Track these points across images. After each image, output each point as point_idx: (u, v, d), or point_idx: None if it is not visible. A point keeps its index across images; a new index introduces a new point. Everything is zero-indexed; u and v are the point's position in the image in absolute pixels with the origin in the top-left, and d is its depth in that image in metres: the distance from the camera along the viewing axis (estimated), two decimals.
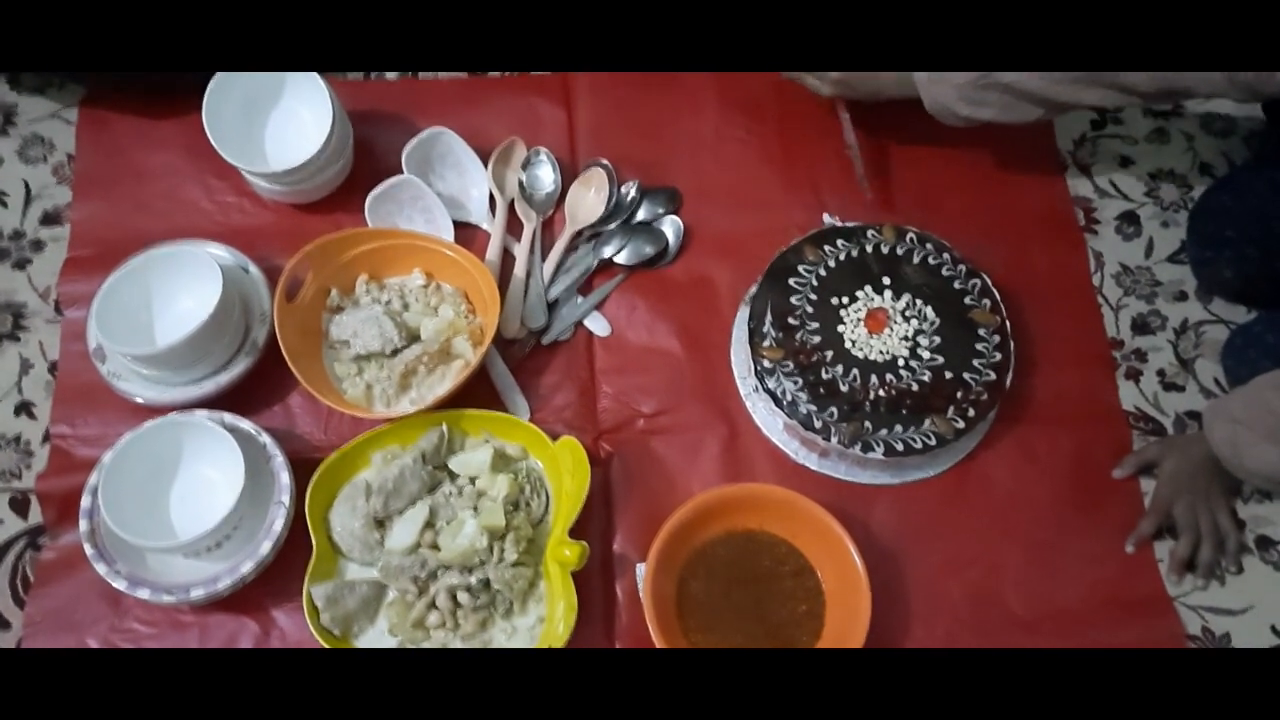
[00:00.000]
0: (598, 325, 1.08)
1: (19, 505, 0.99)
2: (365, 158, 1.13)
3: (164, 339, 0.96)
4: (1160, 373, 1.08)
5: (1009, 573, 0.99)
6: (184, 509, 0.94)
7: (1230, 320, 1.10)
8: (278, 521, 0.92)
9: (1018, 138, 1.18)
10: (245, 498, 0.89)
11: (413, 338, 1.02)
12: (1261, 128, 1.19)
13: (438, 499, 0.94)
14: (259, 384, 1.01)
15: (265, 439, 0.95)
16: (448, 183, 1.12)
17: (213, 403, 0.98)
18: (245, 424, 0.96)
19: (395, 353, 1.00)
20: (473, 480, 0.96)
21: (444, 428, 0.97)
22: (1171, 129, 1.20)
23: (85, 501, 0.92)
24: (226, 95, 1.04)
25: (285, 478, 0.94)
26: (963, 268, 1.05)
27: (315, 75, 1.05)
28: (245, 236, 1.08)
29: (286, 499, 0.93)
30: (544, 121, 1.18)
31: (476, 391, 1.01)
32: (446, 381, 0.99)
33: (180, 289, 1.00)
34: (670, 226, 1.12)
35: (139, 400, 0.98)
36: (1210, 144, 1.19)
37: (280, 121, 1.10)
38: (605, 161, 1.13)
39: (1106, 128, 1.20)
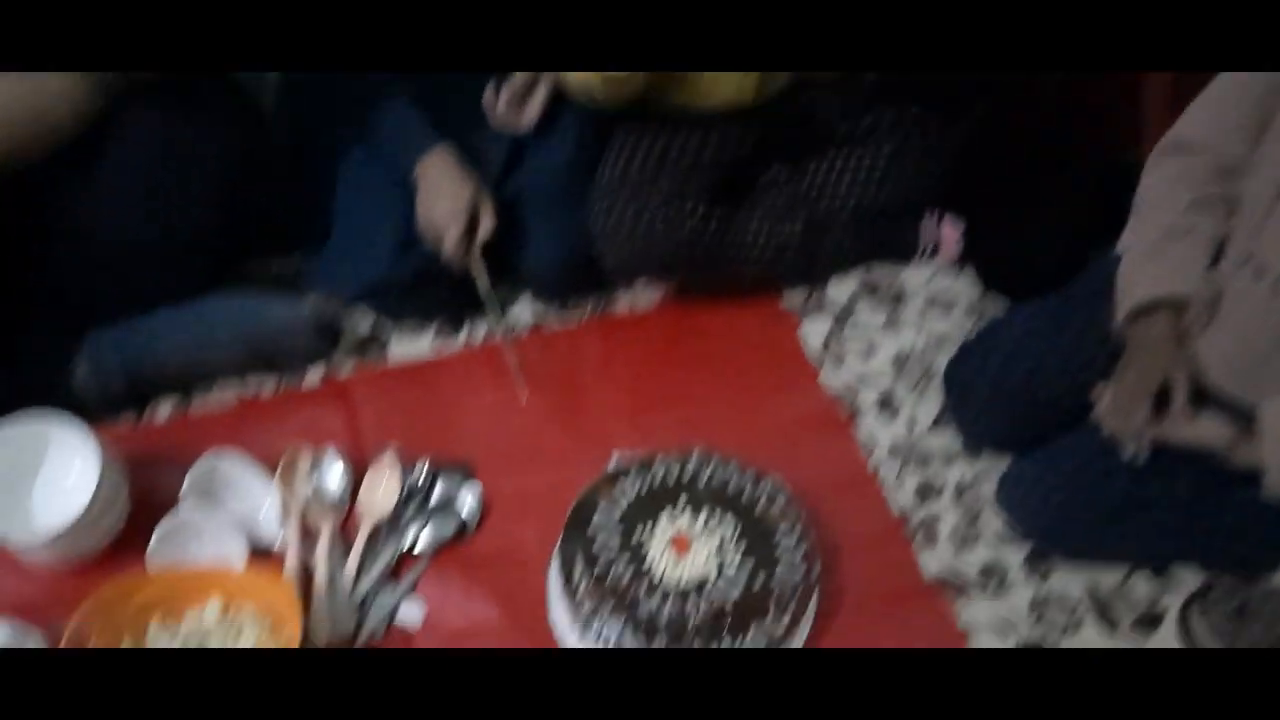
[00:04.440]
0: (411, 613, 1.06)
1: None
2: (145, 500, 1.10)
3: None
4: (953, 533, 1.14)
5: None
6: None
7: (999, 468, 1.18)
8: None
9: (768, 355, 1.29)
10: None
11: None
12: (978, 299, 1.34)
13: None
14: None
15: None
16: (235, 504, 1.11)
17: None
18: None
19: None
20: None
21: None
22: (902, 315, 1.33)
23: None
24: None
25: None
26: (750, 474, 1.10)
27: (81, 426, 1.04)
28: (24, 608, 1.03)
29: None
30: (326, 427, 1.20)
31: None
32: None
33: None
34: (469, 497, 1.13)
35: None
36: (938, 321, 1.33)
37: (46, 482, 1.07)
38: (393, 448, 1.14)
39: (846, 327, 1.32)
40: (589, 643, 1.00)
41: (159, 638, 0.99)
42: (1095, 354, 1.09)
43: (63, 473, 1.06)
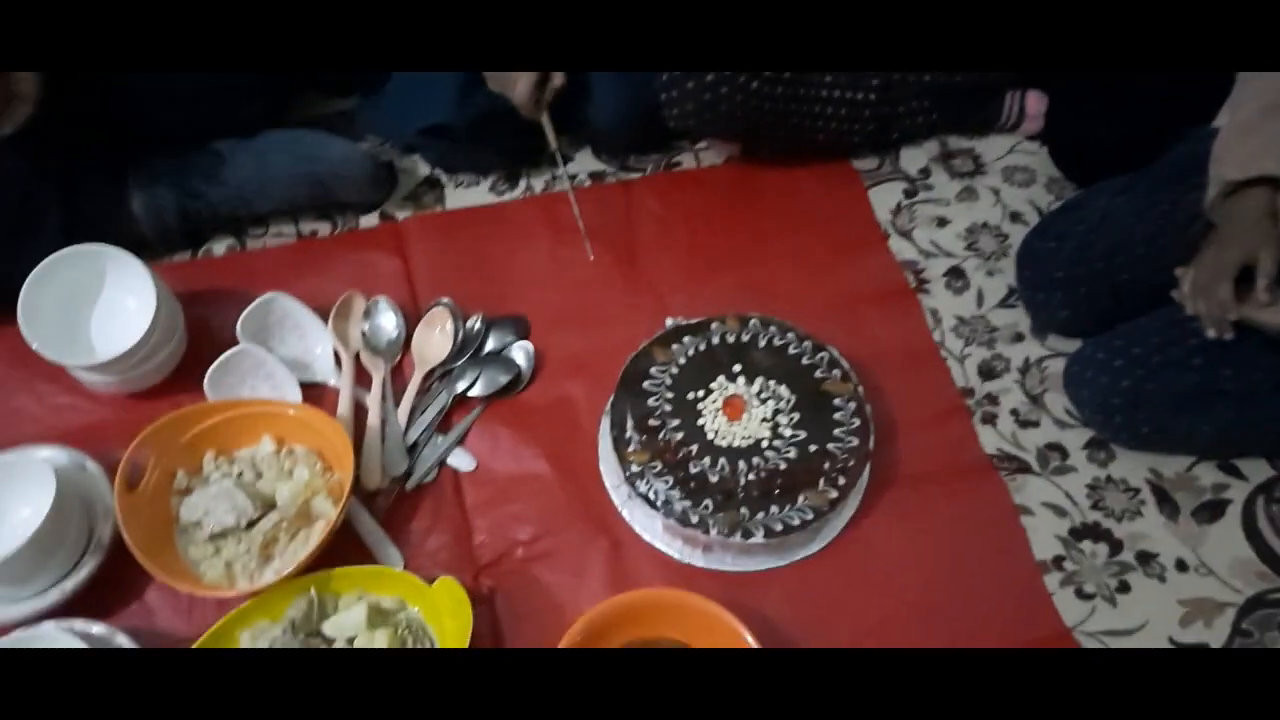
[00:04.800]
0: (462, 461, 1.06)
1: None
2: (200, 336, 1.11)
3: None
4: (1014, 412, 1.11)
5: (909, 636, 0.98)
6: None
7: (1066, 351, 1.15)
8: None
9: (837, 217, 1.24)
10: None
11: (268, 506, 0.98)
12: (1060, 175, 1.27)
13: None
14: (111, 583, 0.96)
15: (122, 639, 0.90)
16: (289, 346, 1.11)
17: (63, 610, 0.92)
18: (98, 628, 0.90)
19: (252, 524, 0.96)
20: (350, 641, 0.91)
21: (312, 592, 0.92)
22: (978, 186, 1.27)
23: None
24: (44, 297, 1.02)
25: None
26: (809, 344, 1.07)
27: (135, 260, 1.03)
28: (82, 435, 1.04)
29: None
30: (380, 272, 1.19)
31: (345, 549, 0.98)
32: (310, 544, 0.95)
33: (13, 499, 0.95)
34: (521, 352, 1.12)
35: None
36: (1016, 194, 1.27)
37: (105, 314, 1.07)
38: (447, 300, 1.13)
39: (919, 195, 1.27)
40: (637, 498, 0.99)
41: (213, 471, 1.00)
42: (1179, 236, 1.03)
43: (120, 304, 1.07)
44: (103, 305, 1.07)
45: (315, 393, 1.09)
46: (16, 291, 1.01)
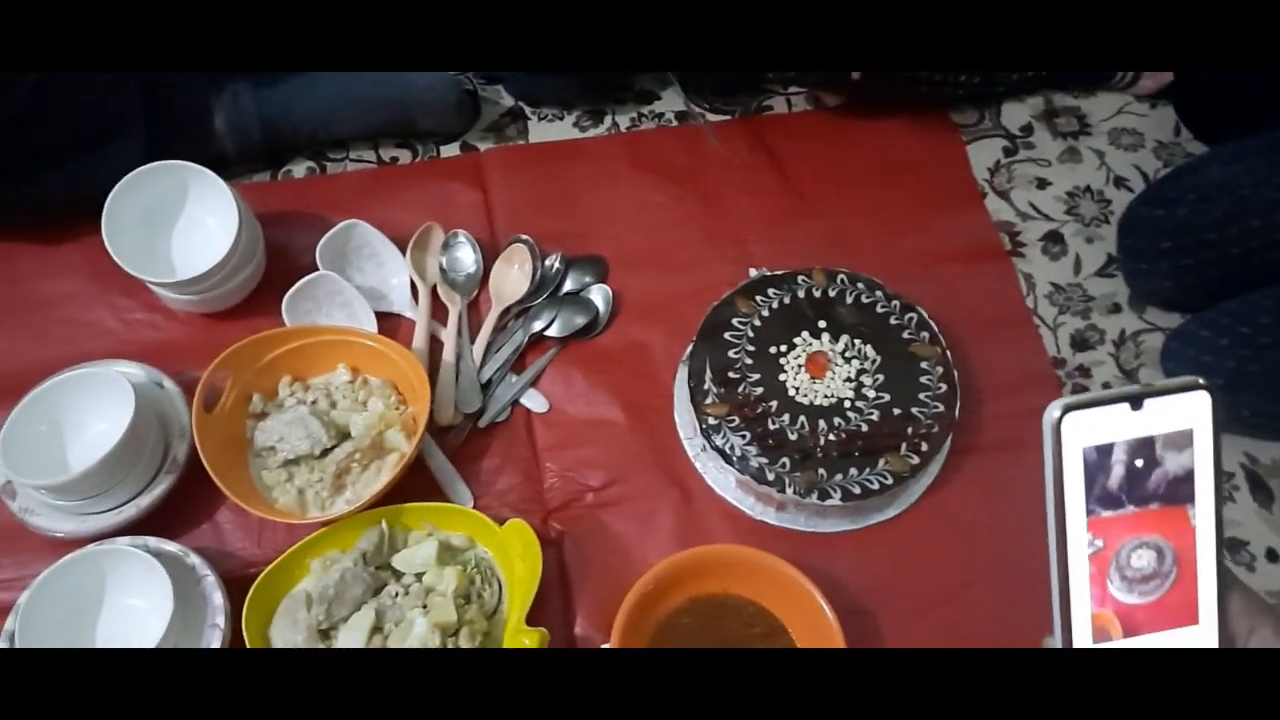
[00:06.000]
0: (535, 402, 1.04)
1: None
2: (278, 259, 1.10)
3: (77, 466, 0.90)
4: (1106, 385, 1.07)
5: (984, 608, 0.96)
6: (111, 645, 0.88)
7: (1164, 326, 1.10)
8: (214, 646, 0.86)
9: (932, 172, 1.19)
10: (175, 625, 0.83)
11: (343, 435, 0.97)
12: (1171, 139, 1.21)
13: (383, 601, 0.89)
14: (184, 502, 0.96)
15: (194, 560, 0.90)
16: (366, 275, 1.09)
17: (136, 528, 0.93)
18: (171, 546, 0.91)
19: (325, 453, 0.96)
20: (419, 577, 0.91)
21: (383, 525, 0.92)
22: (1082, 147, 1.22)
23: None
24: (127, 210, 1.01)
25: (218, 599, 0.88)
26: (897, 303, 1.04)
27: (217, 179, 1.02)
28: (158, 352, 1.04)
29: (222, 621, 0.87)
30: (459, 204, 1.16)
31: (415, 484, 0.97)
32: (382, 477, 0.95)
33: (90, 413, 0.95)
34: (599, 295, 1.10)
35: (55, 535, 0.92)
36: (1122, 158, 1.21)
37: (185, 231, 1.06)
38: (526, 237, 1.11)
39: (1019, 153, 1.21)
40: (712, 451, 0.97)
41: (288, 397, 1.00)
42: None
43: (201, 223, 1.05)
44: (184, 223, 1.06)
45: (390, 324, 1.08)
46: (96, 200, 1.00)
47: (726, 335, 1.02)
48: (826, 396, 0.99)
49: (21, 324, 1.07)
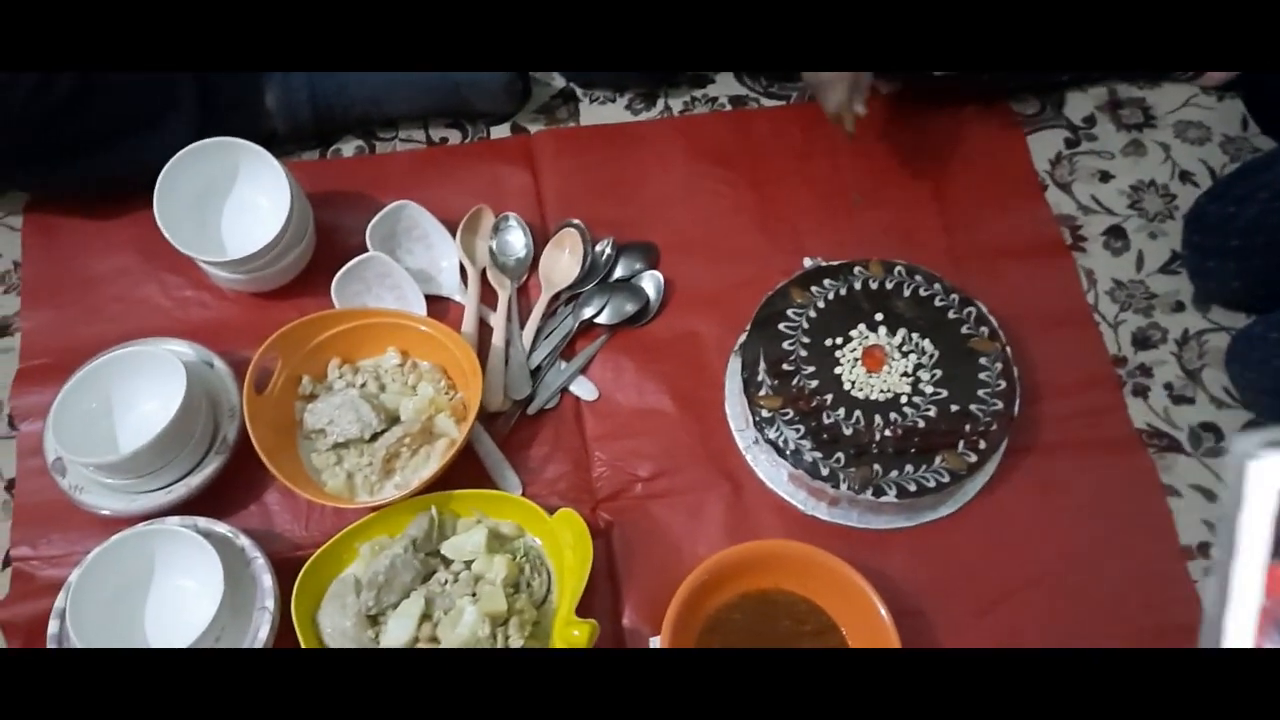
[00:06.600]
0: (584, 390, 1.03)
1: None
2: (328, 239, 1.09)
3: (128, 445, 0.90)
4: (1168, 386, 1.05)
5: (1038, 610, 0.94)
6: (160, 625, 0.88)
7: (1229, 326, 1.07)
8: (263, 629, 0.86)
9: (992, 163, 1.16)
10: (226, 606, 0.83)
11: (392, 420, 0.96)
12: (1238, 132, 1.18)
13: (433, 588, 0.88)
14: (232, 484, 0.96)
15: (243, 541, 0.89)
16: (416, 257, 1.08)
17: (184, 508, 0.92)
18: (221, 527, 0.90)
19: (375, 437, 0.95)
20: (468, 564, 0.90)
21: (433, 511, 0.91)
22: (1146, 140, 1.19)
23: (52, 627, 0.86)
24: (178, 188, 1.00)
25: (267, 581, 0.88)
26: (955, 297, 1.02)
27: (270, 158, 1.01)
28: (207, 331, 1.03)
29: (270, 603, 0.87)
30: (509, 187, 1.15)
31: (463, 470, 0.96)
32: (432, 462, 0.94)
33: (141, 391, 0.95)
34: (650, 282, 1.08)
35: (104, 513, 0.92)
36: (1188, 152, 1.18)
37: (236, 210, 1.06)
38: (577, 221, 1.09)
39: (1081, 145, 1.18)
40: (764, 444, 0.95)
41: (337, 379, 0.99)
42: None
43: (252, 201, 1.05)
44: (235, 201, 1.05)
45: (439, 307, 1.07)
46: (148, 177, 0.99)
47: (781, 326, 1.01)
48: (883, 391, 0.97)
49: (73, 300, 1.07)
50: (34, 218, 1.11)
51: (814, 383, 0.98)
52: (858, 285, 1.03)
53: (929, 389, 0.97)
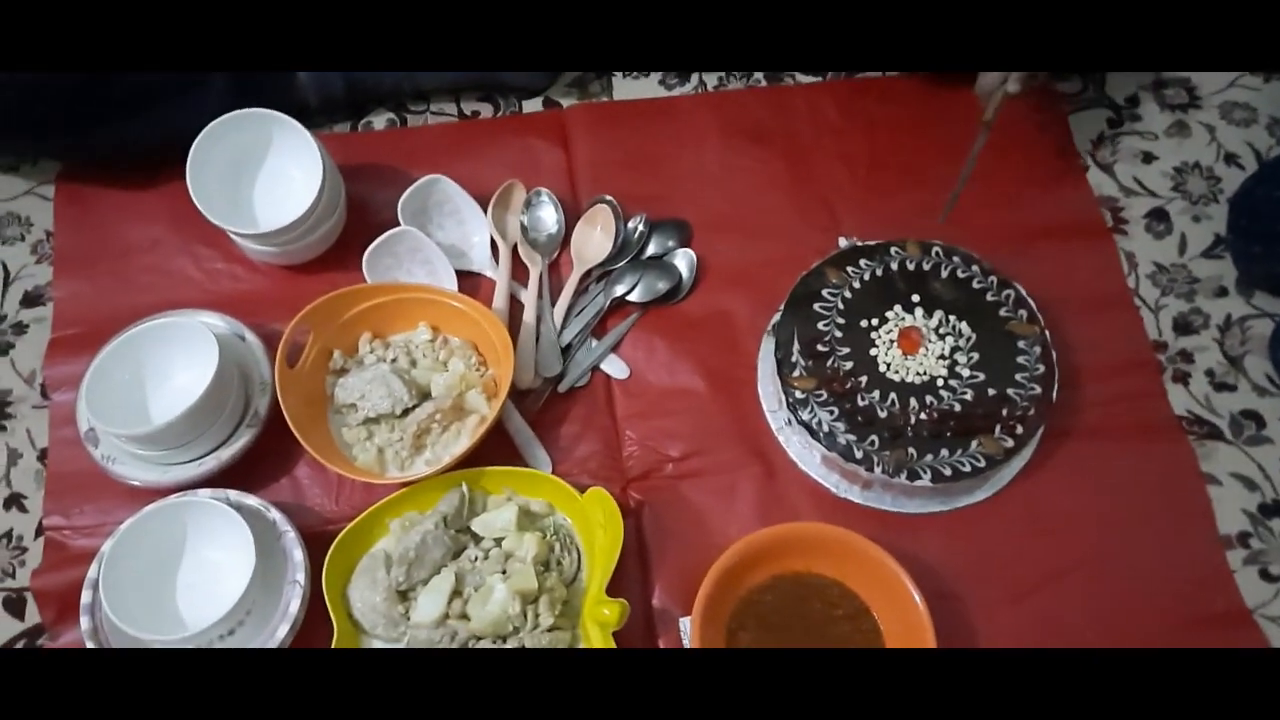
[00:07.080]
0: (615, 368, 1.02)
1: (14, 606, 0.93)
2: (359, 213, 1.08)
3: (160, 416, 0.90)
4: (1209, 373, 1.03)
5: (1075, 598, 0.93)
6: (192, 597, 0.88)
7: (1273, 312, 1.05)
8: (293, 602, 0.86)
9: (1033, 142, 1.14)
10: (257, 580, 0.83)
11: (423, 395, 0.96)
12: None
13: (463, 565, 0.88)
14: (263, 457, 0.96)
15: (274, 515, 0.89)
16: (447, 231, 1.07)
17: (215, 480, 0.92)
18: (252, 500, 0.90)
19: (406, 412, 0.94)
20: (498, 542, 0.90)
21: (464, 488, 0.91)
22: (1191, 121, 1.16)
23: (85, 596, 0.86)
24: (211, 158, 1.00)
25: (298, 555, 0.87)
26: (994, 279, 1.00)
27: (303, 130, 1.00)
28: (239, 303, 1.03)
29: (301, 577, 0.87)
30: (541, 162, 1.13)
31: (494, 447, 0.96)
32: (463, 439, 0.93)
33: (174, 362, 0.94)
34: (682, 260, 1.07)
35: (136, 484, 0.92)
36: (1233, 134, 1.15)
37: (268, 182, 1.05)
38: (609, 198, 1.08)
39: (1124, 125, 1.16)
40: (798, 426, 0.94)
41: (368, 354, 0.98)
42: None
43: (284, 174, 1.04)
44: (267, 173, 1.05)
45: (470, 283, 1.06)
46: (180, 146, 0.98)
47: (816, 306, 0.99)
48: (919, 374, 0.96)
49: (106, 270, 1.06)
50: (66, 187, 1.11)
51: (849, 364, 0.96)
52: (894, 266, 1.01)
53: (966, 372, 0.96)
